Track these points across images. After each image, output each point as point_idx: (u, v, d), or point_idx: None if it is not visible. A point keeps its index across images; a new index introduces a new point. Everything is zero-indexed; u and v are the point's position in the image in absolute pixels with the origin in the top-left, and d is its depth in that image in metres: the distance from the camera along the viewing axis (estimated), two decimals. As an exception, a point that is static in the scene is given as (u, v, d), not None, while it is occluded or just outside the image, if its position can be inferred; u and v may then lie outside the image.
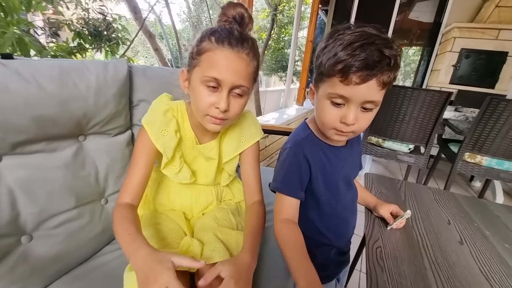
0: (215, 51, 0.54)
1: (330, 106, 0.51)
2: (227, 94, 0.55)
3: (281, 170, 0.60)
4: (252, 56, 0.57)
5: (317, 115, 0.56)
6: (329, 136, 0.56)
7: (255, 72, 0.60)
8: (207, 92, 0.56)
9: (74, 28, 1.65)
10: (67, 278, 0.62)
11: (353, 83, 0.46)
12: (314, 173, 0.59)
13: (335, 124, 0.52)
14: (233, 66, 0.54)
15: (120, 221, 0.55)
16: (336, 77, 0.47)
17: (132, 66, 0.84)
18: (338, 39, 0.47)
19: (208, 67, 0.54)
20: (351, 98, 0.48)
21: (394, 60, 0.45)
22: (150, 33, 3.03)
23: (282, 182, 0.59)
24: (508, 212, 0.81)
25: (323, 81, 0.51)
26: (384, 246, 0.59)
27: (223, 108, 0.55)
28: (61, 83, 0.62)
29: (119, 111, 0.75)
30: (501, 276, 0.53)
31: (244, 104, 0.61)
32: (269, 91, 6.48)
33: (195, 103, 0.59)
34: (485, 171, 1.85)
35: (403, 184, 0.94)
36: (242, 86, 0.56)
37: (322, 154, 0.60)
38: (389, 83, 0.48)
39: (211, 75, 0.54)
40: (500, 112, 1.65)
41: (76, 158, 0.67)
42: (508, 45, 3.11)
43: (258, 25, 7.84)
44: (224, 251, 0.58)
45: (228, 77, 0.54)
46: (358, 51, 0.44)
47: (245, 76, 0.57)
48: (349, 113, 0.49)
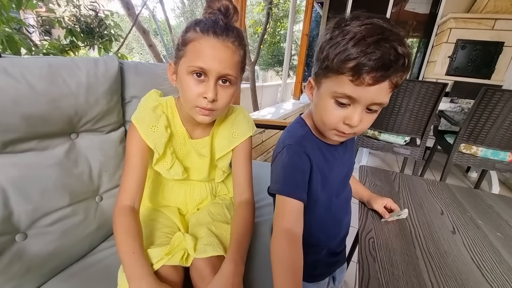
0: (200, 40, 0.53)
1: (333, 105, 0.47)
2: (214, 83, 0.55)
3: (281, 171, 0.53)
4: (238, 44, 0.57)
5: (317, 113, 0.52)
6: (328, 136, 0.53)
7: (241, 62, 0.59)
8: (194, 83, 0.55)
9: (66, 25, 1.62)
10: (62, 275, 0.62)
11: (365, 83, 0.41)
12: (314, 173, 0.54)
13: (337, 125, 0.48)
14: (219, 54, 0.54)
15: (124, 233, 0.55)
16: (346, 76, 0.42)
17: (123, 62, 0.83)
18: (346, 31, 0.42)
19: (194, 57, 0.54)
20: (359, 99, 0.44)
21: (408, 59, 0.41)
22: (144, 29, 3.00)
23: (284, 183, 0.52)
24: (501, 202, 0.82)
25: (328, 77, 0.46)
26: (377, 237, 0.59)
27: (211, 98, 0.55)
28: (51, 81, 0.62)
29: (111, 108, 0.74)
30: (492, 264, 0.54)
31: (233, 94, 0.60)
32: (266, 86, 6.45)
33: (183, 94, 0.58)
34: (481, 162, 1.87)
35: (397, 175, 0.94)
36: (229, 75, 0.56)
37: (320, 153, 0.56)
38: (400, 85, 0.44)
39: (197, 64, 0.53)
40: (495, 102, 1.65)
41: (68, 156, 0.66)
42: (504, 35, 3.10)
43: (254, 19, 7.77)
44: (217, 245, 0.59)
45: (214, 66, 0.54)
46: (372, 48, 0.39)
47: (231, 65, 0.56)
48: (354, 115, 0.45)
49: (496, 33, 3.14)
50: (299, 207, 0.50)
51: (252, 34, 7.74)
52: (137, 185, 0.61)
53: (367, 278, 0.47)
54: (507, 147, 1.77)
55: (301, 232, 0.50)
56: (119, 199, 0.61)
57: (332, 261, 0.70)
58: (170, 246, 0.56)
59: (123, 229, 0.56)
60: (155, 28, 7.68)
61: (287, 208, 0.50)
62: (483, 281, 0.49)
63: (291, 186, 0.51)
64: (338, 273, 0.78)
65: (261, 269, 0.66)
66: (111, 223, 0.74)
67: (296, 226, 0.49)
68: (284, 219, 0.50)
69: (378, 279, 0.47)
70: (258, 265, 0.67)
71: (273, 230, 0.50)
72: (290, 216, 0.50)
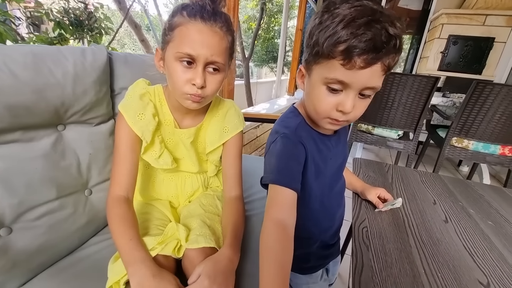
0: (187, 25, 0.52)
1: (326, 92, 0.45)
2: (202, 69, 0.54)
3: (275, 160, 0.50)
4: (226, 30, 0.55)
5: (310, 101, 0.50)
6: (321, 125, 0.52)
7: (230, 48, 0.58)
8: (182, 69, 0.54)
9: (54, 18, 1.58)
10: (51, 270, 0.60)
11: (356, 67, 0.40)
12: (308, 163, 0.53)
13: (330, 113, 0.47)
14: (207, 40, 0.53)
15: (119, 223, 0.55)
16: (337, 60, 0.41)
17: (112, 53, 0.81)
18: (335, 14, 0.41)
19: (181, 42, 0.53)
20: (351, 84, 0.42)
21: (400, 40, 0.40)
22: (136, 23, 2.94)
23: (278, 172, 0.49)
24: (491, 191, 0.83)
25: (318, 63, 0.44)
26: (370, 226, 0.59)
27: (199, 84, 0.54)
28: (36, 70, 0.60)
29: (100, 100, 0.72)
30: (483, 250, 0.55)
31: (221, 80, 0.59)
32: (261, 82, 6.42)
33: (171, 81, 0.57)
34: (472, 155, 1.89)
35: (391, 167, 0.95)
36: (217, 62, 0.55)
37: (313, 143, 0.55)
38: (392, 67, 0.43)
39: (185, 50, 0.52)
40: (485, 96, 1.67)
41: (55, 148, 0.64)
42: (495, 31, 3.14)
43: (248, 14, 7.70)
44: (210, 236, 0.58)
45: (202, 52, 0.52)
46: (362, 30, 0.38)
47: (219, 51, 0.55)
48: (347, 101, 0.44)
49: (486, 29, 3.17)
50: (293, 198, 0.48)
51: (246, 30, 7.68)
52: (129, 175, 0.60)
53: (360, 266, 0.47)
54: (497, 140, 1.79)
55: (293, 224, 0.47)
56: (111, 190, 0.60)
57: (325, 253, 0.70)
58: (163, 236, 0.55)
59: (118, 219, 0.55)
60: (147, 24, 7.55)
61: (280, 198, 0.48)
62: (474, 267, 0.49)
63: (285, 175, 0.49)
64: (332, 266, 0.77)
65: (253, 264, 0.66)
66: (101, 217, 0.74)
67: (288, 217, 0.47)
68: (276, 209, 0.47)
69: (371, 267, 0.47)
70: (250, 259, 0.66)
71: (264, 220, 0.47)
72: (283, 206, 0.47)
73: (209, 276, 0.48)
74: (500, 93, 1.62)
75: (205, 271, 0.49)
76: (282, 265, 0.43)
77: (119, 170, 0.60)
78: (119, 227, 0.54)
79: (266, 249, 0.44)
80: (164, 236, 0.55)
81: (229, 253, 0.55)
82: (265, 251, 0.44)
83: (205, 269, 0.49)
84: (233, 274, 0.54)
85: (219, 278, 0.49)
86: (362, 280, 0.43)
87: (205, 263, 0.51)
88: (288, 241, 0.45)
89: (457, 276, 0.47)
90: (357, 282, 0.43)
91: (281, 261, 0.43)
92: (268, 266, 0.43)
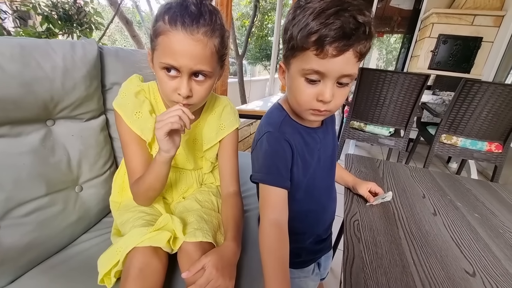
0: (168, 34, 0.50)
1: (304, 84, 0.47)
2: (187, 79, 0.53)
3: (263, 159, 0.52)
4: (211, 34, 0.52)
5: (291, 95, 0.51)
6: (305, 117, 0.52)
7: (218, 51, 0.55)
8: (168, 78, 0.53)
9: (42, 11, 1.54)
10: (42, 267, 0.60)
11: (329, 55, 0.42)
12: (294, 158, 0.54)
13: (311, 103, 0.48)
14: (189, 50, 0.51)
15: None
16: (311, 51, 0.43)
17: (103, 47, 0.80)
18: (307, 8, 0.42)
19: (164, 53, 0.52)
20: (328, 73, 0.44)
21: (369, 27, 0.41)
22: (127, 19, 2.90)
23: (267, 172, 0.51)
24: (478, 186, 0.86)
25: (295, 56, 0.46)
26: (361, 219, 0.60)
27: (185, 94, 0.53)
28: (23, 63, 0.58)
29: (90, 95, 0.71)
30: (469, 241, 0.56)
31: (210, 87, 0.58)
32: (254, 80, 6.41)
33: (160, 87, 0.57)
34: (460, 152, 1.94)
35: (382, 163, 0.96)
36: (202, 71, 0.54)
37: (300, 137, 0.56)
38: (365, 54, 0.44)
39: (167, 62, 0.51)
40: (473, 94, 1.71)
41: (44, 144, 0.63)
42: (483, 31, 3.21)
43: (241, 12, 7.67)
44: (207, 231, 0.58)
45: (184, 63, 0.51)
46: (332, 19, 0.40)
47: (204, 59, 0.52)
48: (326, 90, 0.45)
49: (475, 29, 3.24)
50: (284, 195, 0.51)
51: (239, 27, 7.65)
52: (145, 165, 0.62)
53: (351, 257, 0.48)
54: (485, 137, 1.84)
55: (287, 219, 0.51)
56: (131, 179, 0.63)
57: (316, 248, 0.71)
58: (155, 226, 0.55)
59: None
60: (139, 20, 7.43)
61: (272, 198, 0.51)
62: (461, 257, 0.51)
63: (274, 174, 0.51)
64: (324, 260, 0.78)
65: (249, 256, 0.66)
66: (92, 214, 0.73)
67: (282, 215, 0.51)
68: (270, 210, 0.51)
69: (362, 258, 0.48)
70: (247, 252, 0.66)
71: (261, 221, 0.50)
72: (276, 206, 0.51)
73: (217, 267, 0.49)
74: (487, 91, 1.67)
75: (213, 263, 0.50)
76: (282, 260, 0.48)
77: (133, 164, 0.62)
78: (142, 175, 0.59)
79: (267, 250, 0.48)
80: (157, 226, 0.55)
81: (233, 246, 0.56)
82: (266, 253, 0.48)
83: (212, 261, 0.50)
84: (236, 266, 0.55)
85: (226, 270, 0.51)
86: (353, 271, 0.44)
87: (211, 254, 0.51)
88: (284, 238, 0.50)
89: (445, 266, 0.48)
90: (348, 273, 0.44)
91: (280, 256, 0.48)
92: (270, 263, 0.47)
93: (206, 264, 0.50)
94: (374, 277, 0.44)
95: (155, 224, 0.55)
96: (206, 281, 0.48)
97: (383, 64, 5.45)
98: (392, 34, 4.86)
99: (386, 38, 5.13)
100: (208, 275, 0.48)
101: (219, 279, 0.48)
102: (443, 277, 0.45)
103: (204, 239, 0.55)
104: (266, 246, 0.49)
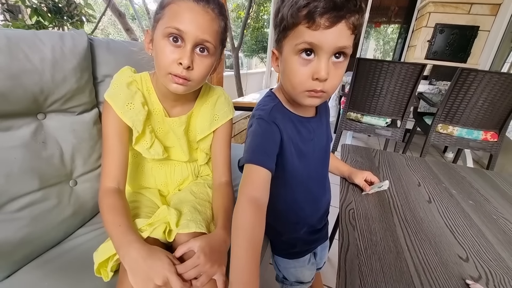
0: (178, 2, 0.51)
1: (298, 62, 0.46)
2: (191, 49, 0.52)
3: (251, 141, 0.51)
4: (218, 13, 0.54)
5: (286, 78, 0.50)
6: (301, 101, 0.50)
7: (222, 33, 0.57)
8: (170, 48, 0.52)
9: (31, 4, 1.50)
10: (37, 262, 0.59)
11: (322, 26, 0.41)
12: (285, 144, 0.53)
13: (307, 83, 0.46)
14: (198, 18, 0.51)
15: (110, 212, 0.54)
16: (302, 25, 0.42)
17: (94, 39, 0.78)
18: None
19: (171, 18, 0.51)
20: (322, 45, 0.43)
21: (360, 1, 0.42)
22: (120, 12, 2.84)
23: (252, 152, 0.49)
24: (473, 173, 0.86)
25: (287, 36, 0.46)
26: (357, 208, 0.60)
27: (186, 64, 0.52)
28: (10, 55, 0.56)
29: (82, 87, 0.70)
30: (464, 228, 0.57)
31: (210, 65, 0.58)
32: (251, 73, 6.35)
33: (157, 60, 0.55)
34: (456, 141, 1.95)
35: (378, 152, 0.96)
36: (207, 41, 0.53)
37: (292, 125, 0.55)
38: (358, 27, 0.44)
39: (174, 25, 0.50)
40: (469, 83, 1.71)
41: (35, 138, 0.62)
42: (479, 19, 3.20)
43: (236, 3, 7.54)
44: (200, 222, 0.58)
45: (191, 29, 0.51)
46: None
47: (211, 31, 0.53)
48: (321, 66, 0.44)
49: (471, 18, 3.23)
50: (267, 177, 0.48)
51: (235, 18, 7.53)
52: (119, 166, 0.59)
53: (346, 244, 0.48)
54: (480, 126, 1.85)
55: (266, 203, 0.47)
56: (102, 182, 0.59)
57: (311, 238, 0.71)
58: (154, 217, 0.54)
59: (109, 208, 0.55)
60: (132, 13, 7.29)
61: (254, 176, 0.48)
62: (455, 243, 0.51)
63: (259, 154, 0.49)
64: (320, 250, 0.79)
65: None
66: (87, 208, 0.73)
67: (262, 195, 0.47)
68: (251, 188, 0.47)
69: (357, 245, 0.48)
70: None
71: (238, 197, 0.46)
72: (258, 185, 0.47)
73: (205, 252, 0.49)
74: (483, 80, 1.67)
75: (201, 248, 0.49)
76: (255, 241, 0.43)
77: (109, 162, 0.59)
78: (110, 216, 0.53)
79: (239, 225, 0.44)
80: (155, 218, 0.54)
81: (223, 234, 0.56)
82: (238, 228, 0.44)
83: (201, 246, 0.50)
84: (226, 254, 0.54)
85: (214, 256, 0.50)
86: (348, 258, 0.44)
87: (200, 239, 0.51)
88: (261, 218, 0.45)
89: (438, 251, 0.48)
90: (343, 260, 0.44)
91: (252, 236, 0.43)
92: (242, 243, 0.43)
93: (193, 246, 0.50)
94: (368, 263, 0.44)
95: (152, 216, 0.55)
96: (192, 264, 0.48)
97: (380, 55, 5.42)
98: (389, 25, 4.82)
99: (383, 28, 5.09)
100: (196, 259, 0.48)
101: (206, 264, 0.48)
102: (437, 262, 0.46)
103: (197, 229, 0.55)
104: (240, 223, 0.44)
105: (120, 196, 0.58)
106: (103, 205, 0.56)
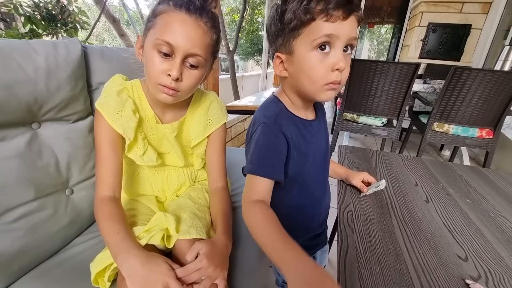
0: (170, 13, 0.51)
1: (316, 57, 0.46)
2: (180, 61, 0.52)
3: (257, 151, 0.51)
4: (211, 27, 0.54)
5: (303, 76, 0.49)
6: (319, 96, 0.50)
7: (213, 46, 0.57)
8: (159, 59, 0.52)
9: (24, 12, 1.49)
10: (35, 273, 0.59)
11: (340, 18, 0.43)
12: (291, 150, 0.53)
13: (327, 76, 0.47)
14: (189, 31, 0.51)
15: (107, 219, 0.53)
16: (320, 19, 0.43)
17: (87, 46, 0.78)
18: None
19: (162, 30, 0.51)
20: (340, 35, 0.44)
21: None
22: (114, 17, 2.83)
23: (259, 163, 0.50)
24: (469, 171, 0.87)
25: (300, 35, 0.46)
26: (355, 210, 0.60)
27: (175, 76, 0.52)
28: (3, 65, 0.56)
29: (76, 95, 0.69)
30: (462, 227, 0.57)
31: (199, 78, 0.57)
32: (247, 76, 6.37)
33: (147, 69, 0.55)
34: (452, 139, 1.96)
35: (375, 153, 0.97)
36: (197, 55, 0.53)
37: (296, 129, 0.55)
38: (360, 22, 0.47)
39: (164, 38, 0.50)
40: (463, 81, 1.73)
41: (30, 147, 0.61)
42: (472, 18, 3.23)
43: (230, 6, 7.57)
44: (201, 228, 0.57)
45: (181, 43, 0.51)
46: None
47: (201, 45, 0.53)
48: (339, 56, 0.45)
49: (464, 16, 3.26)
50: (270, 184, 0.50)
51: (229, 22, 7.56)
52: (114, 175, 0.59)
53: (345, 247, 0.48)
54: (476, 123, 1.87)
55: (269, 204, 0.50)
56: (97, 191, 0.58)
57: (311, 244, 0.71)
58: (149, 223, 0.54)
59: (106, 216, 0.54)
60: (127, 19, 7.29)
61: (258, 186, 0.50)
62: (453, 242, 0.52)
63: (267, 166, 0.50)
64: (320, 254, 0.79)
65: (241, 250, 0.66)
66: (84, 217, 0.72)
67: (264, 199, 0.49)
68: (253, 194, 0.49)
69: (356, 248, 0.48)
70: (239, 247, 0.66)
71: (242, 206, 0.49)
72: (260, 191, 0.49)
73: (207, 256, 0.49)
74: (477, 77, 1.68)
75: (204, 251, 0.49)
76: (276, 224, 0.44)
77: (103, 170, 0.58)
78: (107, 223, 0.53)
79: (253, 221, 0.46)
80: (151, 223, 0.54)
81: (224, 239, 0.56)
82: (253, 224, 0.46)
83: (203, 250, 0.50)
84: (228, 259, 0.55)
85: (216, 260, 0.50)
86: (347, 261, 0.44)
87: (203, 243, 0.51)
88: (269, 209, 0.47)
89: (437, 252, 0.48)
90: (343, 263, 0.44)
91: (272, 221, 0.45)
92: (262, 230, 0.44)
93: (198, 249, 0.50)
94: (368, 266, 0.44)
95: (148, 223, 0.55)
96: (195, 267, 0.48)
97: (375, 55, 5.46)
98: (382, 25, 4.85)
99: (377, 28, 5.13)
100: (198, 263, 0.48)
101: (209, 267, 0.48)
102: (436, 263, 0.46)
103: (198, 236, 0.55)
104: (251, 219, 0.46)
105: (116, 204, 0.57)
106: (99, 213, 0.55)
